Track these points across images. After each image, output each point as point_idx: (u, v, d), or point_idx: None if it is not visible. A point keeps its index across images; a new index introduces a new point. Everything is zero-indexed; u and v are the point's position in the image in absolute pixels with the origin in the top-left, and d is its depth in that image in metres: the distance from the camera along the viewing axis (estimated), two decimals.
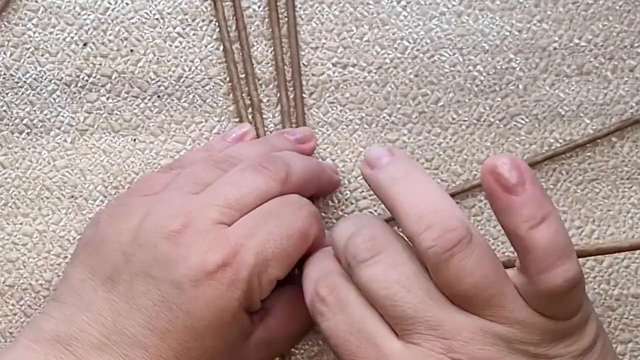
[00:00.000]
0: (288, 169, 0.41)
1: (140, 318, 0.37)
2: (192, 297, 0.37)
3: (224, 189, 0.40)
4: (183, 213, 0.39)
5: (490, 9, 0.47)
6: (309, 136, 0.45)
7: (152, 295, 0.37)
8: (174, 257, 0.38)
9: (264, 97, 0.46)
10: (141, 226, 0.39)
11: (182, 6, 0.46)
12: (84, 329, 0.38)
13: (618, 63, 0.47)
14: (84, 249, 0.41)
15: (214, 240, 0.38)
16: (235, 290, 0.37)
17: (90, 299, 0.38)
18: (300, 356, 0.46)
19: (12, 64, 0.46)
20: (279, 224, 0.39)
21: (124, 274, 0.38)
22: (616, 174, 0.47)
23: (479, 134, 0.47)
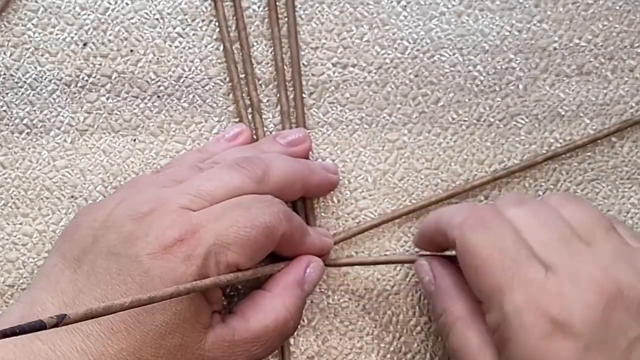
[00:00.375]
0: (266, 169, 0.41)
1: (97, 292, 0.37)
2: (147, 270, 0.37)
3: (197, 181, 0.40)
4: (153, 199, 0.39)
5: (490, 9, 0.47)
6: (303, 138, 0.45)
7: (111, 270, 0.38)
8: (136, 234, 0.38)
9: (264, 97, 0.46)
10: (113, 212, 0.39)
11: (182, 6, 0.46)
12: (46, 308, 0.38)
13: (618, 63, 0.47)
14: (61, 238, 0.41)
15: (176, 219, 0.38)
16: (189, 265, 0.38)
17: (57, 280, 0.39)
18: (300, 356, 0.46)
19: (12, 64, 0.46)
20: (246, 214, 0.39)
21: (89, 253, 0.39)
22: (616, 174, 0.47)
23: (479, 134, 0.47)
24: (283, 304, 0.41)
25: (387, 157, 0.46)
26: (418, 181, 0.46)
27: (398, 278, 0.46)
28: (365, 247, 0.46)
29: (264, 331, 0.41)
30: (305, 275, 0.43)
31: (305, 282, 0.43)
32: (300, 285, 0.43)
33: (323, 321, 0.46)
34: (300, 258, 0.43)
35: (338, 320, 0.46)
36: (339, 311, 0.46)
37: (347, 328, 0.46)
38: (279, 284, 0.42)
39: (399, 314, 0.46)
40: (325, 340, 0.46)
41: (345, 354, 0.46)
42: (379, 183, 0.46)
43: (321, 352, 0.46)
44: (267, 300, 0.41)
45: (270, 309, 0.41)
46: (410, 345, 0.46)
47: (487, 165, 0.47)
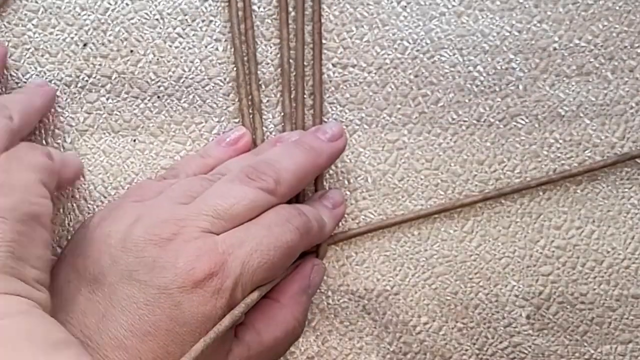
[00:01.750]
0: (276, 177, 0.41)
1: (123, 320, 0.37)
2: (177, 303, 0.37)
3: (212, 200, 0.40)
4: (173, 221, 0.39)
5: (490, 9, 0.47)
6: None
7: (137, 298, 0.37)
8: (161, 262, 0.38)
9: (264, 98, 0.46)
10: (130, 230, 0.39)
11: (182, 6, 0.46)
12: (67, 330, 0.37)
13: (618, 63, 0.47)
14: (72, 251, 0.41)
15: (202, 248, 0.38)
16: (219, 299, 0.38)
17: (74, 299, 0.39)
18: (300, 356, 0.46)
19: (12, 64, 0.46)
20: (267, 234, 0.39)
21: (109, 276, 0.38)
22: (616, 174, 0.47)
23: (479, 134, 0.47)
24: (292, 314, 0.42)
25: (387, 157, 0.46)
26: (418, 181, 0.46)
27: (398, 278, 0.46)
28: (365, 247, 0.46)
29: (274, 343, 0.41)
30: (309, 281, 0.43)
31: (309, 287, 0.43)
32: (305, 292, 0.43)
33: (323, 321, 0.46)
34: (304, 264, 0.44)
35: (338, 321, 0.46)
36: (339, 311, 0.46)
37: (347, 328, 0.46)
38: (286, 293, 0.42)
39: (399, 314, 0.46)
40: (325, 341, 0.46)
41: (345, 354, 0.46)
42: (379, 183, 0.46)
43: (321, 353, 0.46)
44: (277, 312, 0.42)
45: (280, 320, 0.42)
46: (410, 345, 0.46)
47: (487, 165, 0.47)
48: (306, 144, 0.43)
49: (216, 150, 0.45)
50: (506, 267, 0.46)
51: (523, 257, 0.46)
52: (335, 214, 0.45)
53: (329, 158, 0.44)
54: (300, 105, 0.46)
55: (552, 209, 0.47)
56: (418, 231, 0.46)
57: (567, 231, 0.47)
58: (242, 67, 0.46)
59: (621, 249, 0.47)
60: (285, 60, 0.46)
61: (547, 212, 0.47)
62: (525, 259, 0.46)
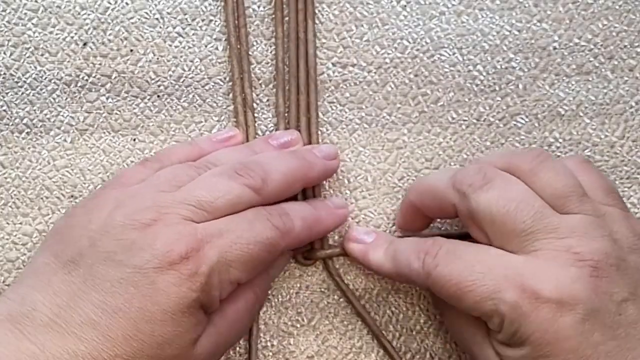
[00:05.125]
0: (264, 176, 0.41)
1: (96, 298, 0.37)
2: (152, 282, 0.37)
3: (197, 191, 0.40)
4: (154, 208, 0.39)
5: (490, 8, 0.47)
6: (296, 139, 0.45)
7: (111, 277, 0.38)
8: (139, 244, 0.38)
9: (264, 97, 0.46)
10: (111, 216, 0.39)
11: (182, 6, 0.46)
12: (37, 308, 0.38)
13: (618, 63, 0.47)
14: (52, 236, 0.41)
15: (181, 232, 0.38)
16: (194, 282, 0.38)
17: (49, 280, 0.39)
18: (300, 356, 0.46)
19: (12, 64, 0.46)
20: (249, 229, 0.40)
21: (86, 257, 0.38)
22: (616, 174, 0.47)
23: (478, 133, 0.47)
24: (253, 291, 0.42)
25: (387, 156, 0.46)
26: None
27: None
28: None
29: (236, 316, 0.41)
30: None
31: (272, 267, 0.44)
32: (267, 271, 0.43)
33: (323, 321, 0.46)
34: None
35: (338, 320, 0.46)
36: (338, 311, 0.46)
37: (347, 328, 0.46)
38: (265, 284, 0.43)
39: (399, 314, 0.46)
40: (325, 340, 0.46)
41: (345, 353, 0.46)
42: (379, 183, 0.46)
43: (321, 352, 0.46)
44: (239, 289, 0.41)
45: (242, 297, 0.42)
46: (410, 345, 0.46)
47: None
48: (300, 154, 0.44)
49: (206, 144, 0.45)
50: None
51: None
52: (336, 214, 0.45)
53: (320, 174, 0.44)
54: (293, 105, 0.46)
55: None
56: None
57: None
58: (238, 65, 0.46)
59: None
60: (279, 59, 0.46)
61: None
62: None
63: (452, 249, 0.40)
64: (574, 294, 0.37)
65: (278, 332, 0.46)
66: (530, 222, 0.39)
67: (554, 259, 0.38)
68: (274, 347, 0.46)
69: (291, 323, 0.46)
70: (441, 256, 0.40)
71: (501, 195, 0.39)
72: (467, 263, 0.39)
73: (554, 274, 0.38)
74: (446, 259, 0.40)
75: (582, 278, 0.37)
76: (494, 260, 0.39)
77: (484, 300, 0.38)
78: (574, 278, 0.37)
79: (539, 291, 0.37)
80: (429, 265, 0.40)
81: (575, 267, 0.38)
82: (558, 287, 0.37)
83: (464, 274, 0.39)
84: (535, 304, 0.37)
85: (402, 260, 0.42)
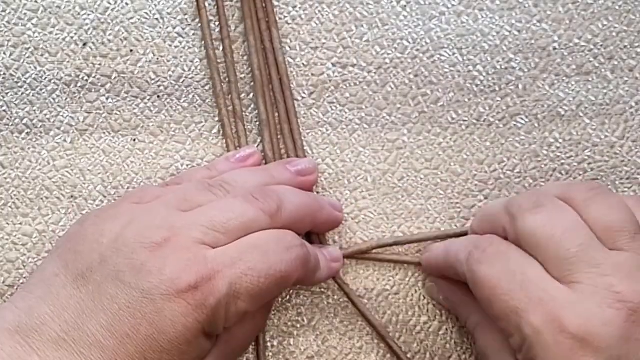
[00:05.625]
0: (280, 204, 0.41)
1: (104, 319, 0.37)
2: (159, 309, 0.37)
3: (211, 212, 0.40)
4: (166, 227, 0.39)
5: (490, 9, 0.47)
6: (312, 169, 0.45)
7: (120, 300, 0.37)
8: (148, 267, 0.38)
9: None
10: (123, 231, 0.39)
11: (182, 6, 0.46)
12: (45, 322, 0.38)
13: (618, 63, 0.47)
14: (64, 244, 0.41)
15: (192, 259, 0.38)
16: (200, 314, 0.37)
17: (58, 293, 0.38)
18: (300, 356, 0.46)
19: (12, 64, 0.46)
20: (262, 260, 0.39)
21: (96, 273, 0.38)
22: (616, 174, 0.47)
23: (478, 134, 0.47)
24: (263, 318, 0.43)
25: (387, 157, 0.46)
26: (418, 181, 0.46)
27: (398, 278, 0.46)
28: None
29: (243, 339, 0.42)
30: None
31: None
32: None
33: (323, 321, 0.46)
34: None
35: (338, 320, 0.46)
36: (339, 311, 0.46)
37: (347, 328, 0.46)
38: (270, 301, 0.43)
39: (399, 314, 0.46)
40: (325, 340, 0.46)
41: (345, 353, 0.46)
42: (379, 183, 0.46)
43: (321, 352, 0.46)
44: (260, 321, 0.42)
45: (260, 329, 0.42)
46: (410, 345, 0.46)
47: (486, 165, 0.47)
48: (312, 195, 0.45)
49: (224, 166, 0.44)
50: None
51: None
52: (331, 267, 0.45)
53: (327, 218, 0.44)
54: (271, 113, 0.46)
55: None
56: (418, 230, 0.46)
57: None
58: (218, 77, 0.46)
59: None
60: (255, 67, 0.46)
61: None
62: None
63: (503, 250, 0.39)
64: (602, 336, 0.36)
65: (278, 332, 0.46)
66: (574, 252, 0.37)
67: (592, 295, 0.36)
68: (274, 348, 0.46)
69: (291, 323, 0.46)
70: (489, 254, 0.39)
71: (549, 219, 0.38)
72: (511, 270, 0.38)
73: (587, 310, 0.36)
74: (492, 259, 0.39)
75: (616, 321, 0.36)
76: (536, 279, 0.38)
77: (512, 313, 0.37)
78: (606, 320, 0.36)
79: (566, 324, 0.36)
80: (473, 259, 0.40)
81: (612, 308, 0.36)
82: (587, 325, 0.36)
83: (503, 281, 0.38)
84: (559, 335, 0.36)
85: (453, 250, 0.42)
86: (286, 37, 0.46)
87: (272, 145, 0.46)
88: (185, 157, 0.46)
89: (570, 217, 0.39)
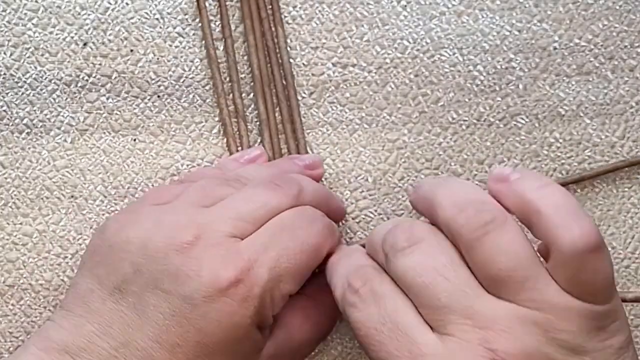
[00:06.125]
0: (300, 188, 0.41)
1: (150, 331, 0.37)
2: (204, 313, 0.37)
3: (235, 203, 0.39)
4: (194, 225, 0.38)
5: (490, 9, 0.47)
6: (318, 163, 0.45)
7: (163, 309, 0.37)
8: (185, 270, 0.37)
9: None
10: (150, 236, 0.38)
11: (182, 6, 0.46)
12: (93, 341, 0.37)
13: (618, 63, 0.47)
14: (91, 258, 0.40)
15: (226, 255, 0.37)
16: (248, 307, 0.37)
17: (99, 310, 0.38)
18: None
19: (12, 64, 0.46)
20: (293, 238, 0.39)
21: (132, 285, 0.38)
22: (616, 174, 0.47)
23: (479, 133, 0.47)
24: (326, 315, 0.42)
25: (387, 157, 0.46)
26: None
27: None
28: None
29: (307, 342, 0.41)
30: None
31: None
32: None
33: None
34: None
35: (338, 320, 0.46)
36: None
37: (347, 328, 0.46)
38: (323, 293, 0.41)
39: None
40: (325, 340, 0.46)
41: (345, 353, 0.46)
42: (379, 183, 0.46)
43: (321, 352, 0.46)
44: (312, 311, 0.41)
45: (316, 320, 0.41)
46: None
47: (487, 165, 0.47)
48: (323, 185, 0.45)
49: (233, 165, 0.44)
50: None
51: None
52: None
53: (337, 207, 0.44)
54: (271, 114, 0.46)
55: None
56: None
57: None
58: (220, 76, 0.46)
59: (621, 249, 0.46)
60: (255, 67, 0.46)
61: None
62: None
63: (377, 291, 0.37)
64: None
65: None
66: (445, 300, 0.34)
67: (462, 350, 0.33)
68: None
69: None
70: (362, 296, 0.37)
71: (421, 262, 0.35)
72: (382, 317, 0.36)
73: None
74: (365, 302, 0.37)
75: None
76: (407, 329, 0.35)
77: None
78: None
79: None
80: (346, 302, 0.37)
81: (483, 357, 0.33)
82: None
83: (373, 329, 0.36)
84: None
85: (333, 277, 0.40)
86: (286, 36, 0.46)
87: (272, 145, 0.46)
88: (185, 157, 0.46)
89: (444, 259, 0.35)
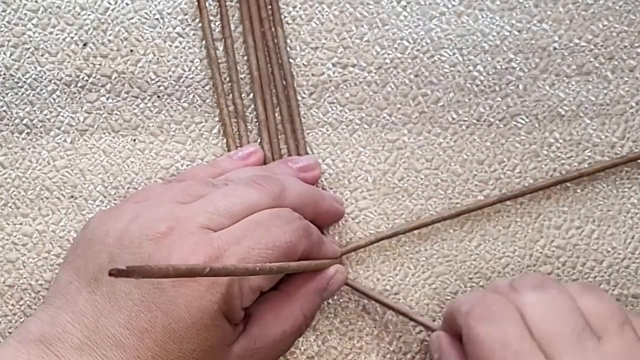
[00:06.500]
0: (282, 188, 0.41)
1: (121, 318, 0.37)
2: (171, 297, 0.37)
3: (214, 198, 0.40)
4: (171, 217, 0.39)
5: (490, 9, 0.47)
6: (314, 165, 0.45)
7: (133, 295, 0.37)
8: (156, 257, 0.38)
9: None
10: (127, 228, 0.39)
11: (182, 6, 0.46)
12: (67, 330, 0.38)
13: (618, 63, 0.47)
14: (73, 252, 0.41)
15: (197, 242, 0.38)
16: (214, 293, 0.37)
17: (75, 300, 0.38)
18: (300, 356, 0.46)
19: (12, 64, 0.46)
20: (266, 234, 0.39)
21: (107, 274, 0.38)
22: (616, 174, 0.47)
23: (479, 134, 0.47)
24: (301, 310, 0.42)
25: (387, 157, 0.46)
26: (418, 181, 0.46)
27: (398, 278, 0.46)
28: (371, 250, 0.46)
29: (281, 337, 0.41)
30: (328, 285, 0.43)
31: (325, 290, 0.43)
32: (320, 293, 0.43)
33: (323, 321, 0.46)
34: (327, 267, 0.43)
35: (338, 320, 0.46)
36: (339, 311, 0.46)
37: (347, 328, 0.46)
38: (299, 289, 0.42)
39: (399, 314, 0.46)
40: (325, 340, 0.46)
41: (345, 354, 0.46)
42: (379, 183, 0.46)
43: (321, 352, 0.46)
44: (286, 306, 0.42)
45: (289, 315, 0.41)
46: (410, 345, 0.46)
47: (487, 165, 0.47)
48: (313, 186, 0.45)
49: (226, 163, 0.45)
50: (506, 267, 0.46)
51: (523, 256, 0.46)
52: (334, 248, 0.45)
53: (329, 208, 0.44)
54: (270, 113, 0.46)
55: (552, 209, 0.47)
56: (418, 231, 0.46)
57: (567, 231, 0.47)
58: (219, 77, 0.46)
59: (621, 249, 0.47)
60: (254, 68, 0.46)
61: (547, 211, 0.47)
62: (525, 259, 0.46)
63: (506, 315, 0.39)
64: None
65: None
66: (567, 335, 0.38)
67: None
68: None
69: None
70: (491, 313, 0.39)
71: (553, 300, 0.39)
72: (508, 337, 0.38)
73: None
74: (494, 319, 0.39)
75: None
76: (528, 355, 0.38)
77: None
78: None
79: None
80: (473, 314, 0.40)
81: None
82: None
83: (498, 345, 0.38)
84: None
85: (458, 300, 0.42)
86: (286, 37, 0.46)
87: (271, 145, 0.46)
88: (185, 157, 0.46)
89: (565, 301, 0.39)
